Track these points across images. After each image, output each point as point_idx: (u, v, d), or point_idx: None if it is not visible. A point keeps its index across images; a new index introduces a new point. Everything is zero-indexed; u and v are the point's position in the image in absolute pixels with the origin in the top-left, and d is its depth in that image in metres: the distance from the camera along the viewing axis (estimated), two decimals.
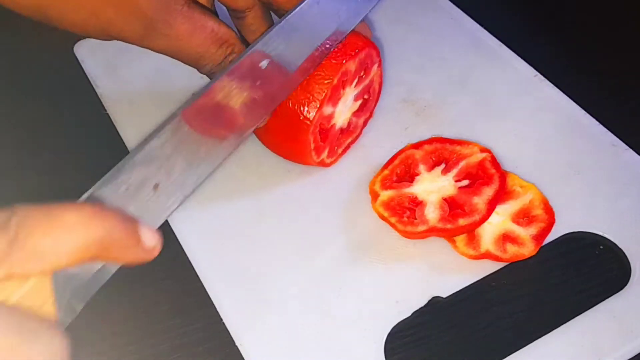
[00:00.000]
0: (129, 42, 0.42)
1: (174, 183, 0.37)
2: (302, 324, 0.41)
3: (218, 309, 0.42)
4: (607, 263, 0.44)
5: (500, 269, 0.43)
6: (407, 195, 0.45)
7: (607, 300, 0.41)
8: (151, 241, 0.30)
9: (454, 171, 0.46)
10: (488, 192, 0.44)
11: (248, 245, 0.45)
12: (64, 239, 0.27)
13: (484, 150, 0.46)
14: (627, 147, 0.49)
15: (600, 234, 0.45)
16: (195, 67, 0.44)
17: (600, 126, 0.50)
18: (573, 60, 0.58)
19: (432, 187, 0.45)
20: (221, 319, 0.42)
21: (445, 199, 0.44)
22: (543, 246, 0.44)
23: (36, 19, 0.42)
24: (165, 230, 0.43)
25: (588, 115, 0.51)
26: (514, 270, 0.43)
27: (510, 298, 0.43)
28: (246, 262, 0.44)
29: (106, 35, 0.42)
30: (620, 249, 0.44)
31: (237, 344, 0.41)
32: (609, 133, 0.50)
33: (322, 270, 0.44)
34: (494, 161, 0.46)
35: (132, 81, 0.56)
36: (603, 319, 0.41)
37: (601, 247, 0.44)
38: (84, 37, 0.59)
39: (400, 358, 0.40)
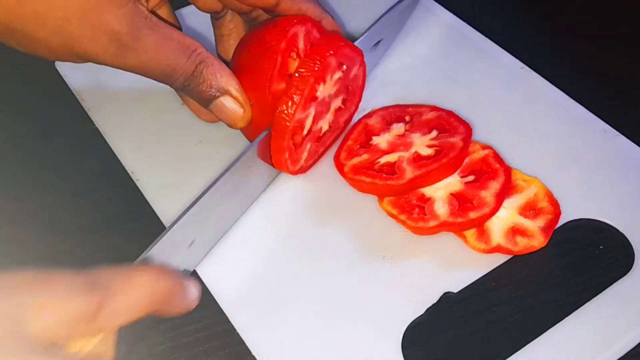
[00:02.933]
0: (100, 62, 0.42)
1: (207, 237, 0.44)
2: (318, 328, 0.41)
3: (232, 322, 0.42)
4: (610, 248, 0.45)
5: (507, 261, 0.44)
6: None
7: (613, 285, 0.43)
8: (195, 294, 0.36)
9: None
10: (495, 185, 0.45)
11: (255, 255, 0.45)
12: (138, 300, 0.31)
13: (485, 147, 0.47)
14: (617, 132, 0.50)
15: (602, 220, 0.46)
16: (169, 83, 0.44)
17: (590, 114, 0.52)
18: (556, 50, 0.59)
19: (440, 188, 0.46)
20: (221, 319, 0.42)
21: (453, 194, 0.45)
22: None
23: (9, 44, 0.42)
24: None
25: (577, 103, 0.52)
26: (520, 261, 0.44)
27: (517, 290, 0.43)
28: (255, 272, 0.44)
29: (75, 55, 0.42)
30: (622, 233, 0.45)
31: (254, 354, 0.41)
32: (599, 120, 0.51)
33: (333, 274, 0.44)
34: (497, 156, 0.46)
35: (119, 94, 0.55)
36: (611, 304, 0.42)
37: (603, 233, 0.45)
38: None
39: (419, 356, 0.40)
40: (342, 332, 0.41)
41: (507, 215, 0.45)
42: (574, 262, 0.44)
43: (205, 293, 0.43)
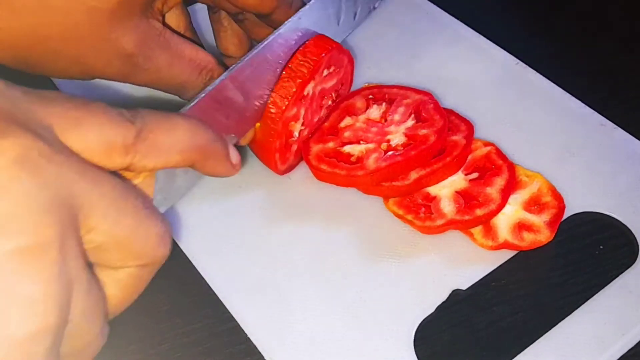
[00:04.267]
0: (111, 80, 0.42)
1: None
2: (328, 328, 0.41)
3: (242, 326, 0.42)
4: (615, 240, 0.45)
5: (514, 256, 0.44)
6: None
7: (620, 276, 0.43)
8: (236, 158, 0.35)
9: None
10: (499, 182, 0.45)
11: (261, 257, 0.45)
12: (178, 139, 0.30)
13: (487, 144, 0.47)
14: (615, 125, 0.51)
15: (604, 212, 0.46)
16: (178, 96, 0.44)
17: (587, 108, 0.52)
18: (549, 45, 0.59)
19: (445, 186, 0.46)
20: (221, 319, 0.42)
21: (458, 192, 0.45)
22: None
23: (16, 67, 0.41)
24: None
25: (573, 98, 0.53)
26: (526, 256, 0.44)
27: (526, 286, 0.44)
28: (262, 274, 0.44)
29: (88, 77, 0.42)
30: (625, 225, 0.45)
31: (266, 358, 0.41)
32: (596, 114, 0.52)
33: (341, 275, 0.44)
34: (500, 152, 0.47)
35: (120, 99, 0.55)
36: (620, 296, 0.42)
37: (606, 225, 0.46)
38: None
39: (431, 355, 0.41)
40: (353, 331, 0.41)
41: (512, 211, 0.45)
42: (579, 256, 0.45)
43: (206, 293, 0.44)
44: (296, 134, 0.47)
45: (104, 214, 0.26)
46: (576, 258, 0.45)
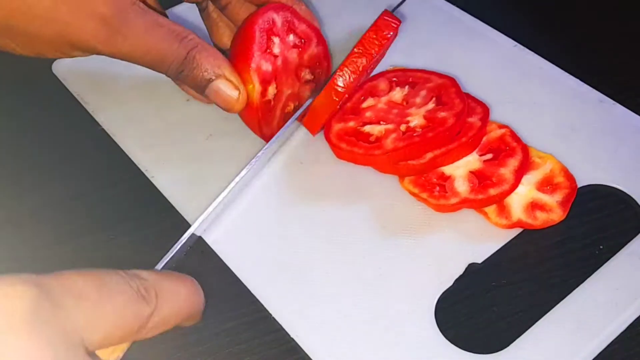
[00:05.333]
0: (93, 50, 0.43)
1: None
2: (350, 306, 0.43)
3: (267, 308, 0.43)
4: (620, 210, 0.47)
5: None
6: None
7: (628, 244, 0.45)
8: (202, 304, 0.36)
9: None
10: (513, 162, 0.46)
11: (281, 240, 0.46)
12: (180, 310, 0.32)
13: (502, 126, 0.49)
14: (614, 102, 0.52)
15: (609, 184, 0.48)
16: (163, 71, 0.45)
17: (586, 85, 0.54)
18: (545, 26, 0.61)
19: (460, 166, 0.47)
20: (221, 319, 0.43)
21: (472, 172, 0.46)
22: None
23: (8, 48, 0.44)
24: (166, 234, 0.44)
25: (572, 77, 0.55)
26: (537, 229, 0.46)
27: (539, 255, 0.45)
28: (282, 257, 0.45)
29: (70, 45, 0.43)
30: (629, 195, 0.47)
31: (292, 336, 0.42)
32: (595, 91, 0.53)
33: (360, 254, 0.45)
34: (514, 135, 0.48)
35: (121, 94, 0.55)
36: (629, 262, 0.44)
37: (611, 196, 0.48)
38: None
39: (453, 327, 0.42)
40: (375, 308, 0.42)
41: (525, 191, 0.46)
42: (588, 227, 0.46)
43: (204, 292, 0.44)
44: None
45: None
46: (585, 229, 0.46)
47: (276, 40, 0.48)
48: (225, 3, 0.50)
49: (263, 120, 0.48)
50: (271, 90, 0.48)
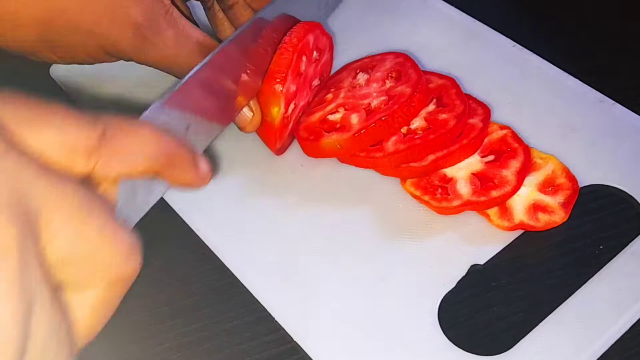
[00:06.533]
0: (125, 57, 0.44)
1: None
2: (353, 309, 0.43)
3: (269, 311, 0.43)
4: (621, 210, 0.47)
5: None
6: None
7: (629, 245, 0.45)
8: (205, 168, 0.32)
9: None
10: (515, 164, 0.46)
11: (282, 244, 0.46)
12: (143, 144, 0.28)
13: (503, 127, 0.49)
14: (613, 102, 0.53)
15: (609, 184, 0.48)
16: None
17: (585, 86, 0.54)
18: (544, 26, 0.61)
19: (461, 168, 0.47)
20: (221, 319, 0.43)
21: (474, 174, 0.46)
22: None
23: (41, 56, 0.44)
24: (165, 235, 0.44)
25: (571, 77, 0.54)
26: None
27: (541, 256, 0.45)
28: (284, 259, 0.45)
29: (106, 53, 0.44)
30: (630, 195, 0.48)
31: (295, 339, 0.42)
32: (594, 91, 0.54)
33: (362, 256, 0.45)
34: (515, 136, 0.48)
35: (120, 97, 0.55)
36: (631, 263, 0.44)
37: (612, 196, 0.48)
38: None
39: (457, 329, 0.42)
40: (378, 311, 0.42)
41: (527, 193, 0.46)
42: (589, 227, 0.46)
43: (204, 293, 0.44)
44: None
45: (67, 221, 0.23)
46: (586, 230, 0.46)
47: (304, 59, 0.48)
48: (232, 4, 0.50)
49: (279, 138, 0.48)
50: (291, 107, 0.48)
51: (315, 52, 0.49)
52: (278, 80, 0.45)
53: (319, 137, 0.48)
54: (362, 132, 0.46)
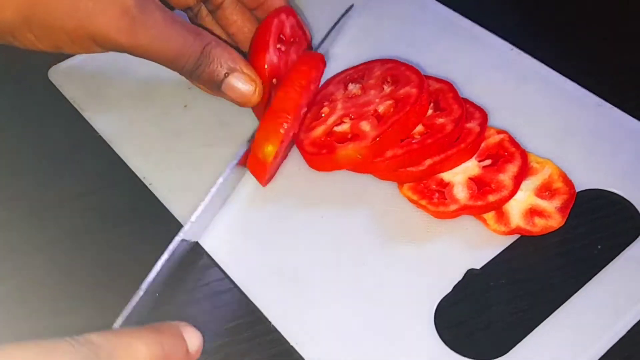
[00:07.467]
0: (114, 42, 0.43)
1: None
2: (349, 313, 0.43)
3: (266, 314, 0.43)
4: (618, 215, 0.47)
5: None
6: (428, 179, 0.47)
7: (626, 249, 0.45)
8: (195, 345, 0.35)
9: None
10: (512, 168, 0.46)
11: (280, 247, 0.46)
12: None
13: (500, 131, 0.49)
14: (611, 105, 0.53)
15: (606, 189, 0.48)
16: (180, 67, 0.46)
17: (583, 89, 0.54)
18: (542, 30, 0.61)
19: (458, 173, 0.47)
20: (221, 320, 0.43)
21: (471, 179, 0.46)
22: None
23: (25, 44, 0.44)
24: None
25: (569, 80, 0.55)
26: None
27: (537, 261, 0.46)
28: (282, 264, 0.45)
29: (90, 37, 0.43)
30: (627, 200, 0.48)
31: (292, 343, 0.42)
32: (592, 95, 0.54)
33: (359, 261, 0.45)
34: (512, 140, 0.48)
35: (119, 100, 0.55)
36: (628, 267, 0.44)
37: (609, 201, 0.48)
38: (60, 60, 0.58)
39: (452, 332, 0.42)
40: (374, 314, 0.42)
41: (524, 197, 0.46)
42: (586, 231, 0.46)
43: (204, 292, 0.44)
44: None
45: None
46: (583, 234, 0.46)
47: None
48: (218, 4, 0.50)
49: (269, 173, 0.48)
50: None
51: (312, 85, 0.49)
52: (283, 121, 0.46)
53: (332, 149, 0.47)
54: (380, 137, 0.46)
